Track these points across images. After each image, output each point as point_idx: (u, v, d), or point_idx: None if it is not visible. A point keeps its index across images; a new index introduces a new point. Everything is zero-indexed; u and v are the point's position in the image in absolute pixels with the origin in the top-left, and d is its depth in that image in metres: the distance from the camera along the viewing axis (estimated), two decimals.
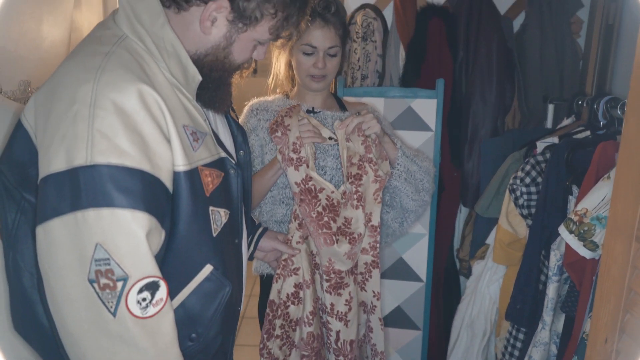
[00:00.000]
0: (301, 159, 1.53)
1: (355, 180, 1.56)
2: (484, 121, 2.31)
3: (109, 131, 0.88)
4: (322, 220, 1.53)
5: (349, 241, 1.54)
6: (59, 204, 0.88)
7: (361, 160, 1.57)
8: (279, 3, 1.03)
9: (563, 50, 2.30)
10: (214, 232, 1.07)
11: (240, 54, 1.09)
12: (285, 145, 1.53)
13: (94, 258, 0.88)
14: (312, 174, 1.55)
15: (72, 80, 0.92)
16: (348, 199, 1.56)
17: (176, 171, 0.98)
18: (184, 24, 1.03)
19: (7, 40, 1.74)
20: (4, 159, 1.00)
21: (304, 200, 1.53)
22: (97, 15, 2.43)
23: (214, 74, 1.08)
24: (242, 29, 1.04)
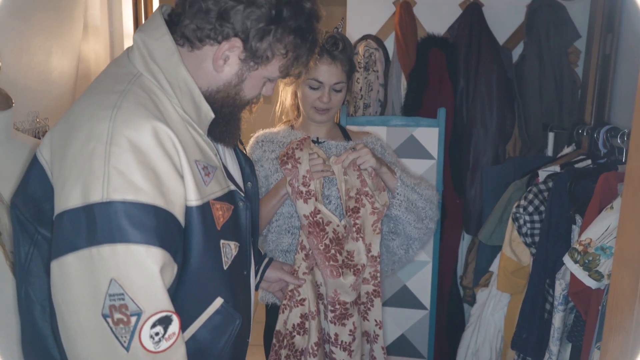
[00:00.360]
0: (310, 192, 1.55)
1: (353, 213, 1.58)
2: (485, 149, 2.34)
3: (125, 168, 0.90)
4: (329, 253, 1.54)
5: (353, 273, 1.55)
6: (74, 239, 0.89)
7: (358, 193, 1.59)
8: (290, 44, 1.06)
9: (561, 79, 2.35)
10: (225, 265, 1.08)
11: (250, 90, 1.11)
12: (295, 178, 1.56)
13: (108, 293, 0.89)
14: (320, 207, 1.57)
15: (89, 117, 0.94)
16: (348, 232, 1.58)
17: (188, 206, 0.99)
18: (197, 62, 1.05)
19: (17, 72, 1.77)
20: (19, 193, 1.02)
21: (312, 232, 1.55)
22: (103, 46, 2.47)
23: (224, 109, 1.10)
24: (254, 67, 1.07)
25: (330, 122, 1.75)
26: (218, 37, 1.02)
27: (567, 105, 2.37)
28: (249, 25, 1.01)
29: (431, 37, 2.42)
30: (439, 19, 2.49)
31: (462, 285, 2.51)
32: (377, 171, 1.60)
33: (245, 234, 1.18)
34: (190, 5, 1.02)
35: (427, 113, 2.30)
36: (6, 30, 1.69)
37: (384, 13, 2.53)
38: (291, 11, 1.02)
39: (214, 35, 1.02)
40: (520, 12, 2.44)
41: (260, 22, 1.01)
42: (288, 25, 1.03)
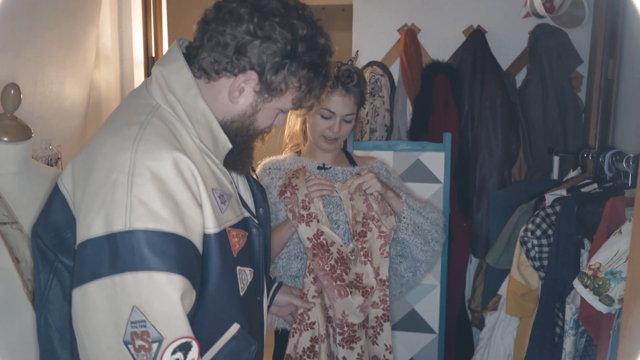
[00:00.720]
0: (311, 214, 1.58)
1: (360, 237, 1.60)
2: (491, 172, 2.37)
3: (147, 198, 0.92)
4: (336, 273, 1.56)
5: (362, 294, 1.56)
6: (97, 267, 0.91)
7: (365, 217, 1.62)
8: (304, 77, 1.09)
9: (565, 104, 2.38)
10: (241, 291, 1.10)
11: (264, 121, 1.14)
12: (295, 204, 1.58)
13: (130, 320, 0.90)
14: (323, 229, 1.58)
15: (111, 148, 0.97)
16: (357, 256, 1.59)
17: (206, 233, 1.01)
18: (213, 93, 1.09)
19: (32, 102, 1.81)
20: (41, 222, 1.04)
21: (317, 254, 1.56)
22: (114, 74, 2.52)
23: (238, 139, 1.13)
24: (268, 99, 1.10)
25: (336, 149, 1.78)
26: (235, 69, 1.05)
27: (571, 129, 2.40)
28: (265, 59, 1.04)
29: (436, 63, 2.47)
30: (443, 45, 2.54)
31: (470, 309, 2.50)
32: (383, 195, 1.63)
33: (258, 260, 1.20)
34: (209, 39, 1.06)
35: (432, 137, 2.33)
36: (22, 61, 1.74)
37: (389, 40, 2.58)
38: (306, 47, 1.06)
39: (231, 68, 1.05)
40: (522, 39, 2.48)
41: (275, 57, 1.04)
42: (302, 59, 1.06)
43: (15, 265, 1.18)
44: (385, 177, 1.79)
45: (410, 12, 2.56)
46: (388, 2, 2.57)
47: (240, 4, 1.05)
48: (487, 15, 2.52)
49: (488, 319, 2.18)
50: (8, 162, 1.23)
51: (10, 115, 1.24)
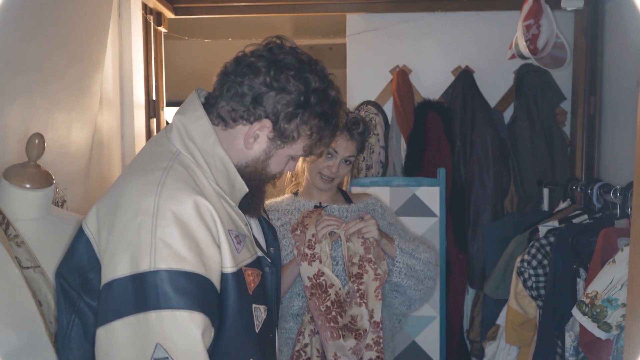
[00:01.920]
0: (315, 255, 1.62)
1: (356, 279, 1.64)
2: (485, 205, 2.45)
3: (170, 239, 0.98)
4: (330, 315, 1.59)
5: (354, 336, 1.60)
6: (122, 306, 0.96)
7: (361, 260, 1.66)
8: (315, 126, 1.16)
9: (551, 138, 2.50)
10: (257, 328, 1.14)
11: (276, 166, 1.21)
12: (302, 242, 1.63)
13: (154, 357, 0.94)
14: (324, 270, 1.62)
15: (136, 193, 1.03)
16: (352, 297, 1.64)
17: (224, 273, 1.06)
18: (230, 139, 1.16)
19: None
20: (65, 263, 1.09)
21: (315, 294, 1.60)
22: (115, 117, 2.58)
23: (252, 183, 1.20)
24: (280, 146, 1.17)
25: (332, 189, 1.83)
26: (251, 117, 1.12)
27: (558, 162, 2.51)
28: (279, 109, 1.11)
29: (427, 101, 2.58)
30: (433, 84, 2.66)
31: (469, 339, 2.55)
32: (378, 242, 1.68)
33: (272, 298, 1.25)
34: (228, 89, 1.13)
35: (427, 173, 2.42)
36: (34, 108, 1.80)
37: (381, 80, 2.70)
38: (317, 98, 1.13)
39: (247, 116, 1.12)
40: (508, 77, 2.62)
41: (289, 107, 1.11)
42: (314, 110, 1.13)
43: (38, 308, 1.21)
44: (380, 213, 1.84)
45: (401, 54, 2.68)
46: (380, 44, 2.70)
47: (258, 58, 1.13)
48: (474, 56, 2.66)
49: (487, 348, 2.23)
50: (31, 208, 1.28)
51: (34, 163, 1.29)
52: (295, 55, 1.14)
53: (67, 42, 1.96)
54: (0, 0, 1.46)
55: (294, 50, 1.15)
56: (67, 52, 1.96)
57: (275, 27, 3.85)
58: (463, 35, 2.67)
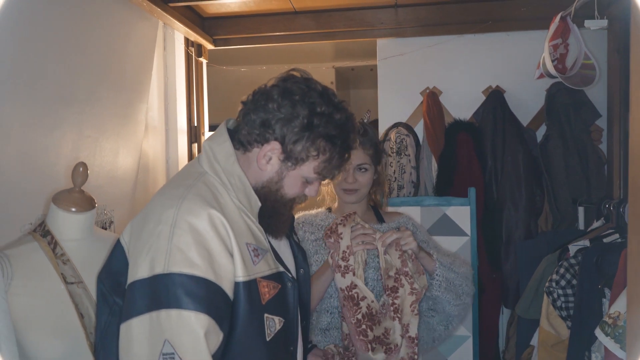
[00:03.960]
0: (349, 267, 1.64)
1: (392, 292, 1.65)
2: (517, 224, 2.44)
3: (184, 246, 1.09)
4: (360, 328, 1.61)
5: (385, 350, 1.62)
6: (139, 305, 1.07)
7: (397, 273, 1.66)
8: (322, 147, 1.24)
9: (586, 156, 2.47)
10: (267, 337, 1.22)
11: (290, 188, 1.29)
12: (336, 252, 1.65)
13: (162, 352, 1.05)
14: (357, 282, 1.65)
15: (160, 206, 1.16)
16: (387, 310, 1.65)
17: (236, 281, 1.16)
18: (248, 162, 1.27)
19: (90, 173, 2.00)
20: (104, 270, 1.22)
21: (346, 305, 1.63)
22: (160, 142, 2.76)
23: (268, 203, 1.28)
24: (291, 167, 1.25)
25: (364, 204, 1.88)
26: (262, 140, 1.23)
27: (594, 180, 2.48)
28: (286, 132, 1.21)
29: (458, 122, 2.61)
30: (464, 105, 2.69)
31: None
32: (416, 255, 1.71)
33: (292, 312, 1.32)
34: (244, 116, 1.25)
35: (458, 192, 2.44)
36: (84, 137, 1.97)
37: (412, 102, 2.76)
38: (322, 120, 1.22)
39: (259, 139, 1.23)
40: (541, 96, 2.61)
41: (295, 129, 1.21)
42: (319, 131, 1.22)
43: (80, 319, 1.33)
44: (413, 231, 1.88)
45: (431, 75, 2.74)
46: (410, 67, 2.76)
47: (272, 88, 1.24)
48: (504, 76, 2.68)
49: None
50: (76, 230, 1.42)
51: (79, 189, 1.43)
52: (305, 84, 1.24)
53: (113, 75, 2.15)
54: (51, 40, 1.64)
55: (306, 80, 1.25)
56: (113, 84, 2.14)
57: (316, 52, 3.99)
58: (493, 55, 2.69)
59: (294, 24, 2.71)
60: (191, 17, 2.63)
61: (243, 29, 2.75)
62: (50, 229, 1.40)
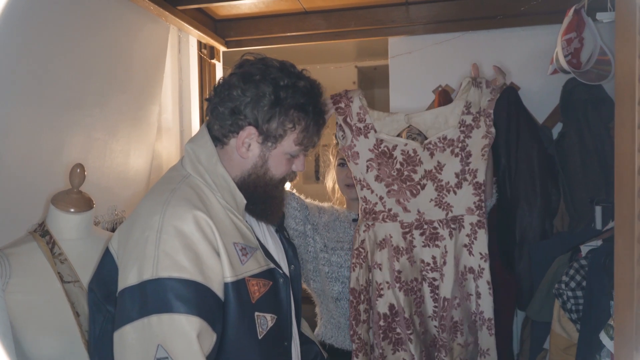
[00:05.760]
0: (368, 126, 1.60)
1: (466, 130, 1.57)
2: (531, 224, 2.37)
3: (171, 251, 1.10)
4: (403, 176, 1.58)
5: (435, 188, 1.57)
6: (130, 312, 1.09)
7: (479, 113, 1.58)
8: (295, 118, 1.24)
9: (604, 154, 2.38)
10: (260, 334, 1.22)
11: (276, 168, 1.29)
12: (349, 116, 1.61)
13: (156, 357, 1.06)
14: (381, 137, 1.61)
15: (146, 212, 1.17)
16: (448, 145, 1.59)
17: (225, 282, 1.17)
18: (228, 155, 1.27)
19: (101, 174, 2.08)
20: (95, 279, 1.24)
21: (382, 163, 1.59)
22: (174, 144, 2.80)
23: (259, 189, 1.29)
24: (272, 147, 1.26)
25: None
26: (236, 129, 1.24)
27: (612, 179, 2.38)
28: (257, 113, 1.22)
29: None
30: None
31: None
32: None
33: (285, 308, 1.32)
34: (212, 111, 1.27)
35: None
36: (92, 140, 2.02)
37: (424, 100, 2.72)
38: (287, 92, 1.22)
39: (233, 128, 1.24)
40: (557, 92, 2.52)
41: (264, 108, 1.21)
42: (288, 103, 1.22)
43: (76, 318, 1.37)
44: None
45: (443, 73, 2.69)
46: (421, 65, 2.72)
47: (231, 76, 1.26)
48: (519, 73, 2.61)
49: None
50: (73, 229, 1.45)
51: (77, 190, 1.47)
52: (262, 63, 1.24)
53: (123, 78, 2.19)
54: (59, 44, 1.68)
55: (262, 59, 1.26)
56: (123, 87, 2.19)
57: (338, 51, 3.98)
58: (507, 51, 2.63)
59: (305, 24, 2.71)
60: (203, 20, 2.66)
61: (254, 31, 2.77)
62: (50, 228, 1.44)
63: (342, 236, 1.79)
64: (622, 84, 0.94)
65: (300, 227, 1.77)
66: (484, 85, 1.60)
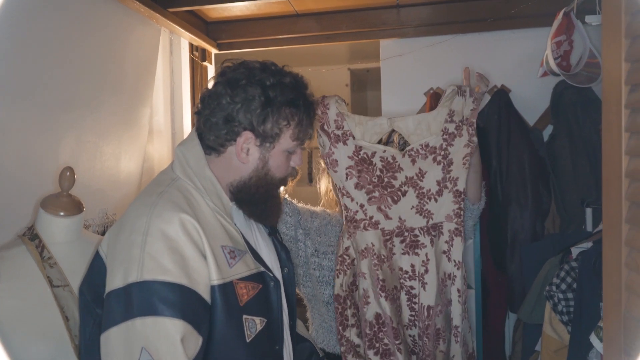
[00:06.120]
0: (346, 132, 1.59)
1: (448, 138, 1.57)
2: (523, 226, 2.38)
3: (156, 254, 1.10)
4: (384, 182, 1.57)
5: (417, 195, 1.56)
6: (115, 315, 1.09)
7: (462, 121, 1.58)
8: (288, 114, 1.24)
9: (594, 155, 2.39)
10: (248, 338, 1.21)
11: (277, 168, 1.29)
12: (326, 123, 1.59)
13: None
14: (360, 143, 1.60)
15: (133, 215, 1.17)
16: (430, 153, 1.58)
17: (211, 285, 1.16)
18: (226, 162, 1.27)
19: (91, 177, 2.07)
20: (85, 282, 1.24)
21: (362, 170, 1.58)
22: (166, 146, 2.79)
23: (260, 190, 1.29)
24: (271, 147, 1.26)
25: None
26: (233, 136, 1.23)
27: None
28: (250, 117, 1.22)
29: None
30: None
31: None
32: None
33: (276, 311, 1.31)
34: (204, 124, 1.26)
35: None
36: (83, 143, 2.01)
37: (415, 102, 2.73)
38: (276, 90, 1.22)
39: (229, 136, 1.24)
40: (548, 95, 2.54)
41: (256, 110, 1.21)
42: (279, 101, 1.22)
43: (65, 322, 1.36)
44: None
45: (434, 76, 2.70)
46: (413, 68, 2.73)
47: (215, 86, 1.26)
48: (510, 75, 2.63)
49: None
50: (63, 233, 1.44)
51: (66, 193, 1.46)
52: (244, 67, 1.24)
53: (114, 81, 2.18)
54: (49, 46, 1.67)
55: (242, 63, 1.26)
56: (114, 90, 2.18)
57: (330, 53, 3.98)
58: (497, 54, 2.64)
59: (296, 27, 2.72)
60: (194, 22, 2.66)
61: (246, 33, 2.77)
62: (39, 232, 1.43)
63: (333, 240, 1.79)
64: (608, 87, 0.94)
65: (292, 232, 1.76)
66: (468, 94, 1.60)
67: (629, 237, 0.89)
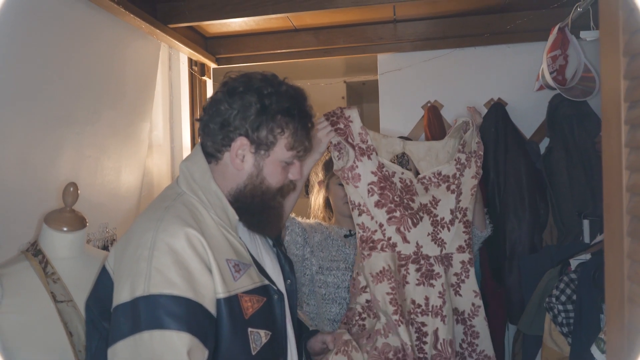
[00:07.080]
0: (370, 147, 1.57)
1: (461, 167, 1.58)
2: (521, 238, 2.40)
3: (163, 268, 1.11)
4: (404, 203, 1.55)
5: (431, 222, 1.55)
6: (123, 328, 1.09)
7: (471, 154, 1.60)
8: (282, 123, 1.25)
9: (591, 168, 2.42)
10: (253, 350, 1.22)
11: (272, 177, 1.29)
12: (349, 136, 1.55)
13: None
14: (382, 161, 1.59)
15: (140, 230, 1.18)
16: (443, 181, 1.58)
17: (217, 298, 1.17)
18: (223, 170, 1.29)
19: (91, 191, 2.07)
20: (92, 296, 1.25)
21: (385, 187, 1.55)
22: (165, 161, 2.80)
23: (255, 199, 1.30)
24: (265, 155, 1.27)
25: None
26: (228, 142, 1.25)
27: (599, 192, 2.41)
28: (246, 124, 1.24)
29: None
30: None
31: None
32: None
33: (280, 324, 1.32)
34: (203, 129, 1.29)
35: None
36: (84, 158, 2.02)
37: (413, 116, 2.75)
38: (272, 99, 1.24)
39: (225, 141, 1.26)
40: (543, 108, 2.58)
41: (252, 116, 1.23)
42: (273, 109, 1.24)
43: (69, 338, 1.36)
44: None
45: (432, 89, 2.73)
46: (410, 81, 2.77)
47: (216, 93, 1.28)
48: (506, 88, 2.66)
49: None
50: (66, 248, 1.44)
51: (70, 209, 1.46)
52: (245, 77, 1.27)
53: (113, 95, 2.20)
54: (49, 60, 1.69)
55: (244, 74, 1.28)
56: (114, 104, 2.19)
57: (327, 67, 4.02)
58: (494, 68, 2.68)
59: (294, 41, 2.74)
60: (193, 38, 2.68)
61: (245, 48, 2.79)
62: (42, 248, 1.43)
63: (335, 255, 1.78)
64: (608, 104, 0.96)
65: (300, 252, 1.76)
66: (474, 128, 1.63)
67: (630, 250, 0.91)
